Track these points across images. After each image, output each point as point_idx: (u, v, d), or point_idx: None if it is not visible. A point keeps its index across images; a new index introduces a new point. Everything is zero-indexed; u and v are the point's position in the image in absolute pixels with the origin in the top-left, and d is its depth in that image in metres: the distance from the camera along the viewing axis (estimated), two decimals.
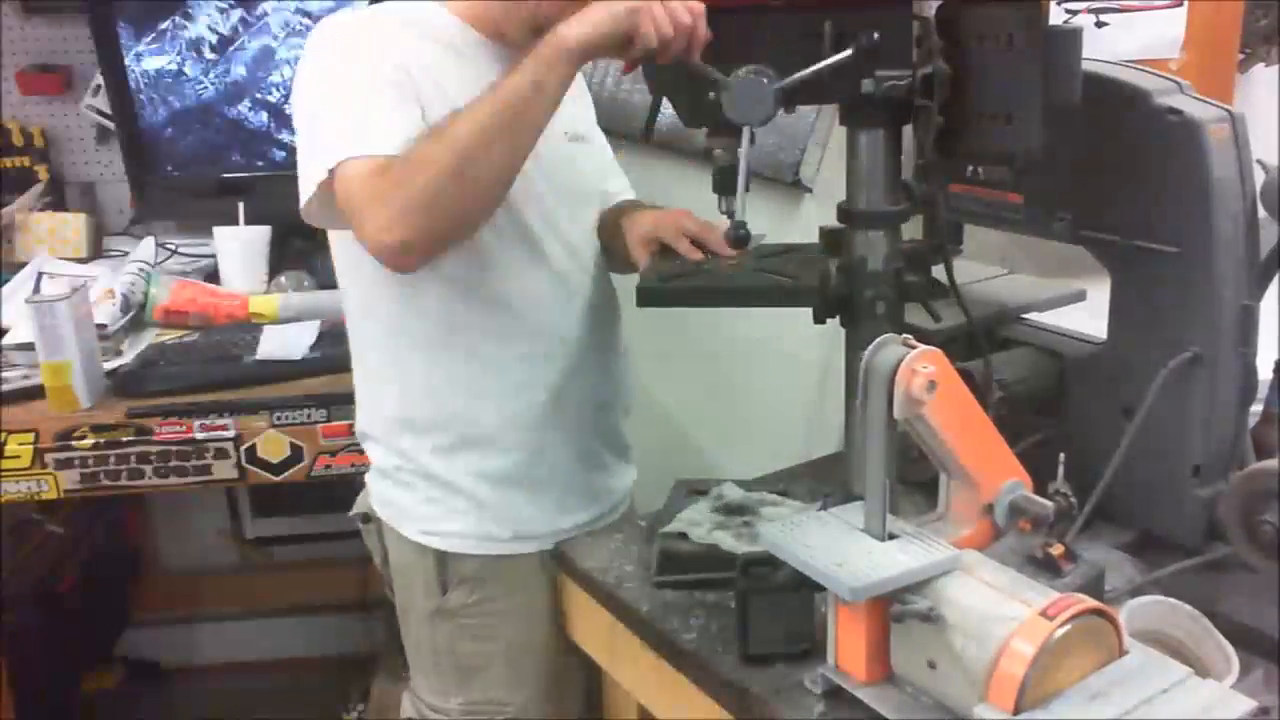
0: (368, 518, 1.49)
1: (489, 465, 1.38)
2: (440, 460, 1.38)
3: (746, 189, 1.17)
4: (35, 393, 1.77)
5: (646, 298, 1.28)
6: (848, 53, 1.11)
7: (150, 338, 1.99)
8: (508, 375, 1.36)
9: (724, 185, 1.19)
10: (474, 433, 1.37)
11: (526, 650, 1.42)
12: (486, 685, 1.42)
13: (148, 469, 1.77)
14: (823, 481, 1.39)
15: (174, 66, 2.28)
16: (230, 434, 1.77)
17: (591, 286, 1.43)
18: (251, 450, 1.78)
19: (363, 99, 1.20)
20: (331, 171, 1.17)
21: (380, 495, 1.45)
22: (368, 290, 1.35)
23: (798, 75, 1.12)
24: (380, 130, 1.17)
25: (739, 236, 1.17)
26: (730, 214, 1.23)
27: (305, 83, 1.27)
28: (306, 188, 1.22)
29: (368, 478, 1.49)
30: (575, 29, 1.14)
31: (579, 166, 1.42)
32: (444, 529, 1.39)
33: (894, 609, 0.93)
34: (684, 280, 1.32)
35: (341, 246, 1.36)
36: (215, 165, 2.35)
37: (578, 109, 1.44)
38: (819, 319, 1.23)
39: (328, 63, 1.26)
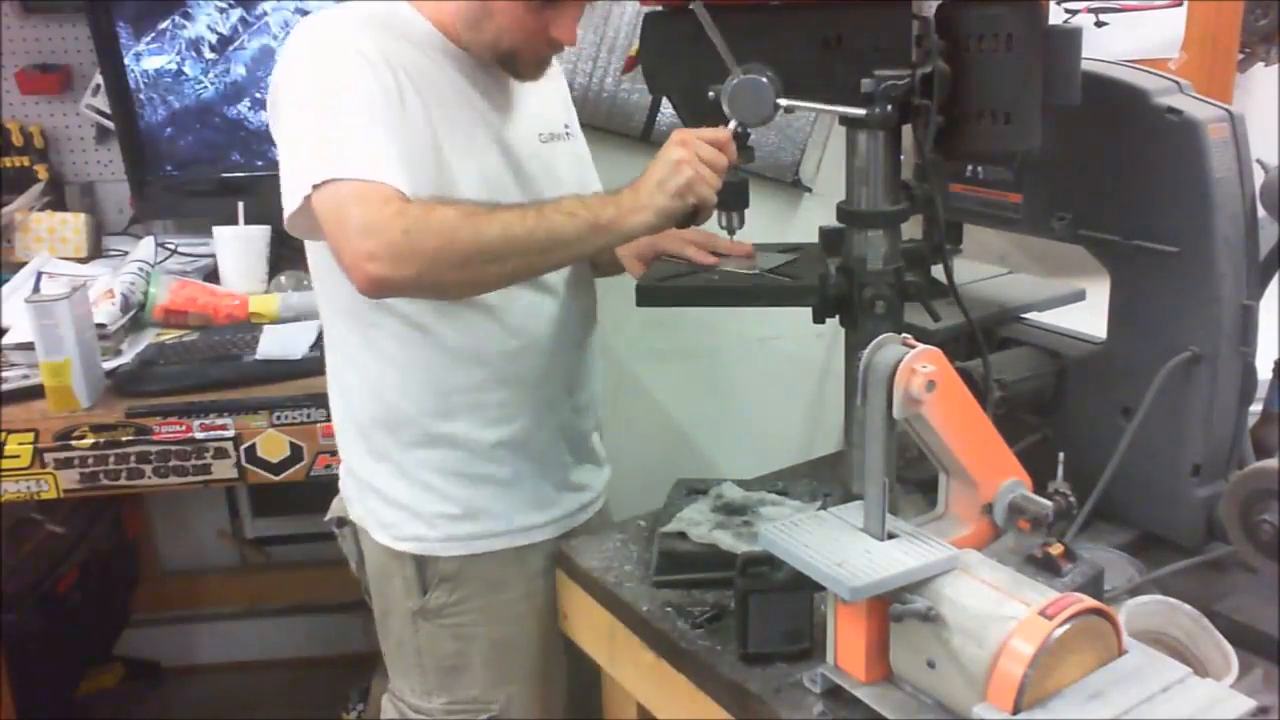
0: (342, 522, 1.48)
1: (462, 463, 1.37)
2: (412, 459, 1.37)
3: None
4: (35, 392, 1.77)
5: (646, 297, 1.28)
6: (859, 111, 1.13)
7: (150, 337, 1.99)
8: (479, 372, 1.35)
9: (726, 202, 1.19)
10: (445, 431, 1.36)
11: (508, 648, 1.42)
12: (469, 684, 1.42)
13: (147, 469, 1.77)
14: (823, 481, 1.39)
15: (174, 66, 2.28)
16: (230, 434, 1.77)
17: (565, 286, 1.41)
18: (251, 450, 1.78)
19: (362, 117, 1.18)
20: (316, 186, 1.14)
21: (353, 498, 1.44)
22: (338, 287, 1.28)
23: (802, 104, 1.14)
24: (384, 158, 1.16)
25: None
26: (730, 230, 1.25)
27: (295, 88, 1.22)
28: (294, 200, 1.18)
29: (341, 481, 1.48)
30: (642, 218, 1.16)
31: (553, 168, 1.40)
32: (419, 531, 1.38)
33: (893, 609, 0.93)
34: (684, 280, 1.32)
35: (317, 247, 1.32)
36: (215, 165, 2.35)
37: (551, 109, 1.43)
38: (819, 319, 1.23)
39: (320, 70, 1.22)
